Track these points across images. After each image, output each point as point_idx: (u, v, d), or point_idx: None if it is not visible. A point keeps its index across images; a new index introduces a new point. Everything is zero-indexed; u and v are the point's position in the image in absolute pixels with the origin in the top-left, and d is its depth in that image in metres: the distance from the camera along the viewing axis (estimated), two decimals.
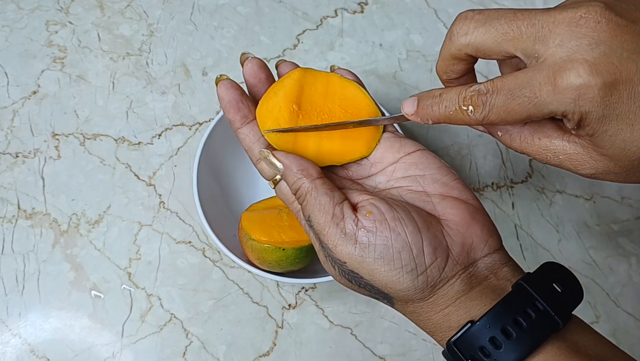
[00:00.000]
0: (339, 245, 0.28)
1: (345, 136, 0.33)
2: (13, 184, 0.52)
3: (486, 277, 0.29)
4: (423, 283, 0.28)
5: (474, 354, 0.27)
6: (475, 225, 0.30)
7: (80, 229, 0.51)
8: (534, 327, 0.27)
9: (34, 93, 0.56)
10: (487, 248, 0.30)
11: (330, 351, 0.49)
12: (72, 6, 0.60)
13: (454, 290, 0.29)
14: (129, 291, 0.49)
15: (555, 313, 0.27)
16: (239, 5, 0.61)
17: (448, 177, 0.32)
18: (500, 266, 0.30)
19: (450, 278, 0.29)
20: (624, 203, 0.55)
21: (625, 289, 0.52)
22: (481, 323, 0.27)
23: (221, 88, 0.32)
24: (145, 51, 0.58)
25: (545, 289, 0.28)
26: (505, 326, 0.27)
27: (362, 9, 0.62)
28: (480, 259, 0.30)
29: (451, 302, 0.29)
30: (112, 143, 0.54)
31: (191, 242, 0.51)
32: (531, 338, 0.26)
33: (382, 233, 0.28)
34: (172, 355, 0.47)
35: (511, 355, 0.26)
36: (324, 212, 0.29)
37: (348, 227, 0.28)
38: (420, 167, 0.32)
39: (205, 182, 0.47)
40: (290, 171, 0.30)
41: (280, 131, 0.32)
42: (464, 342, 0.27)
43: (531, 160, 0.57)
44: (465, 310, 0.28)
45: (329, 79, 0.34)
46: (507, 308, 0.27)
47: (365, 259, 0.28)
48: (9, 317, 0.48)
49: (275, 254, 0.43)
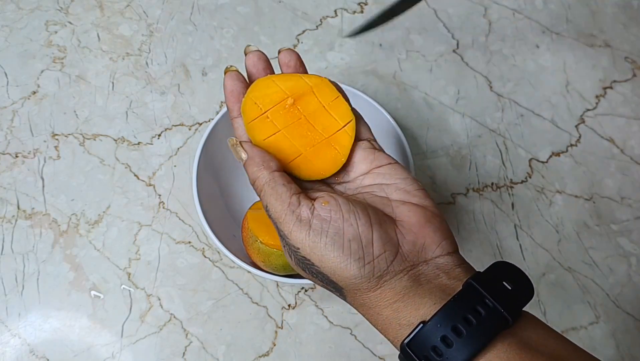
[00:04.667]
0: (293, 231, 0.30)
1: (317, 153, 0.34)
2: (13, 184, 0.52)
3: (437, 275, 0.30)
4: (369, 272, 0.29)
5: (427, 354, 0.28)
6: (429, 227, 0.31)
7: (79, 229, 0.51)
8: (484, 324, 0.27)
9: (33, 93, 0.56)
10: (440, 249, 0.31)
11: (330, 351, 0.49)
12: (71, 6, 0.60)
13: (402, 285, 0.29)
14: (128, 292, 0.49)
15: (504, 310, 0.28)
16: (239, 5, 0.61)
17: (412, 186, 0.33)
18: (453, 267, 0.31)
19: (398, 273, 0.30)
20: (623, 203, 0.55)
21: (625, 290, 0.52)
22: (432, 323, 0.28)
23: (228, 78, 0.34)
24: (145, 51, 0.58)
25: (494, 287, 0.29)
26: (455, 325, 0.27)
27: (362, 9, 0.62)
28: (432, 260, 0.31)
29: (399, 297, 0.29)
30: (111, 143, 0.54)
31: (191, 242, 0.51)
32: (481, 335, 0.27)
33: (336, 223, 0.29)
34: (171, 355, 0.47)
35: (462, 352, 0.27)
36: (280, 201, 0.30)
37: (303, 214, 0.30)
38: (387, 178, 0.33)
39: (204, 182, 0.47)
40: (252, 161, 0.32)
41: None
42: (416, 342, 0.28)
43: (531, 160, 0.57)
44: (414, 307, 0.29)
45: (320, 89, 0.34)
46: (456, 306, 0.28)
47: (317, 245, 0.29)
48: (9, 317, 0.48)
49: (282, 259, 0.43)
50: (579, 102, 0.60)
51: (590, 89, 0.61)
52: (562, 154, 0.57)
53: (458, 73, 0.60)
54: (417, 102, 0.59)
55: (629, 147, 0.58)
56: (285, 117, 0.33)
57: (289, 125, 0.33)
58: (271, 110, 0.33)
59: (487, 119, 0.58)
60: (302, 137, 0.33)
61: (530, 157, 0.57)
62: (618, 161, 0.57)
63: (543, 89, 0.60)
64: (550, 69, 0.61)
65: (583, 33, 0.64)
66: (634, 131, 0.59)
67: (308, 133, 0.33)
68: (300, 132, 0.33)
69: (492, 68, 0.61)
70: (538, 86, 0.60)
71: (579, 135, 0.58)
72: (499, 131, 0.58)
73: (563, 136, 0.58)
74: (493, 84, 0.60)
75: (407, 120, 0.58)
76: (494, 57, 0.62)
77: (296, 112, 0.33)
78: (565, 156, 0.57)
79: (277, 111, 0.33)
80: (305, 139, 0.33)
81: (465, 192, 0.55)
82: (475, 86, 0.60)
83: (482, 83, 0.60)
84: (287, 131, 0.33)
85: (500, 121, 0.58)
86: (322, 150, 0.33)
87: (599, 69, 0.62)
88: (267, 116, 0.33)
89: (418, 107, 0.59)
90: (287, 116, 0.33)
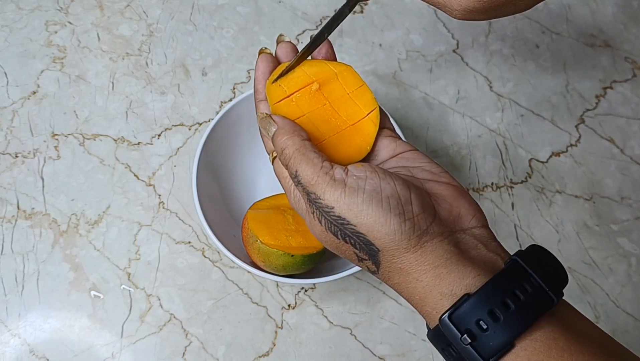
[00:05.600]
0: (327, 191, 0.29)
1: (342, 140, 0.33)
2: (12, 185, 0.52)
3: (476, 246, 0.29)
4: (410, 228, 0.28)
5: (471, 328, 0.27)
6: (462, 200, 0.31)
7: (79, 229, 0.51)
8: (531, 302, 0.27)
9: (33, 93, 0.56)
10: (475, 221, 0.30)
11: (330, 351, 0.49)
12: (71, 6, 0.60)
13: (443, 249, 0.28)
14: (128, 292, 0.49)
15: (549, 290, 0.27)
16: (239, 5, 0.61)
17: (437, 169, 0.33)
18: (489, 240, 0.30)
19: (438, 235, 0.29)
20: (623, 203, 0.55)
21: (625, 290, 0.52)
22: (479, 295, 0.27)
23: (261, 58, 0.34)
24: (145, 51, 0.58)
25: (538, 267, 0.28)
26: (504, 300, 0.27)
27: (362, 9, 0.62)
28: (468, 230, 0.30)
29: (441, 262, 0.28)
30: (111, 143, 0.54)
31: (191, 242, 0.51)
32: (528, 312, 0.27)
33: (372, 180, 0.29)
34: (171, 355, 0.47)
35: (510, 328, 0.26)
36: (312, 164, 0.30)
37: (337, 175, 0.29)
38: (411, 161, 0.33)
39: (204, 182, 0.47)
40: (282, 130, 0.31)
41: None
42: (460, 315, 0.27)
43: (531, 160, 0.57)
44: (458, 276, 0.28)
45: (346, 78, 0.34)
46: (504, 281, 0.27)
47: (354, 201, 0.28)
48: (9, 317, 0.48)
49: (283, 259, 0.43)
50: (579, 102, 0.60)
51: (590, 89, 0.61)
52: (562, 154, 0.57)
53: (458, 73, 0.60)
54: (417, 102, 0.59)
55: (629, 147, 0.58)
56: (310, 102, 0.33)
57: (313, 110, 0.33)
58: (296, 94, 0.33)
59: (487, 119, 0.58)
60: (326, 123, 0.33)
61: (530, 157, 0.57)
62: (618, 161, 0.57)
63: (543, 89, 0.60)
64: (550, 69, 0.61)
65: (583, 33, 0.64)
66: (634, 131, 0.59)
67: (332, 120, 0.33)
68: (324, 118, 0.33)
69: (492, 68, 0.61)
70: (538, 86, 0.60)
71: (579, 135, 0.58)
72: (499, 131, 0.58)
73: (563, 136, 0.58)
74: (493, 84, 0.60)
75: (407, 120, 0.58)
76: (494, 57, 0.62)
77: (321, 97, 0.33)
78: (565, 156, 0.57)
79: (303, 95, 0.33)
80: (328, 126, 0.33)
81: None
82: (475, 86, 0.60)
83: (482, 83, 0.60)
84: (312, 115, 0.33)
85: (500, 121, 0.58)
86: (346, 137, 0.33)
87: (599, 69, 0.62)
88: (292, 100, 0.33)
89: (418, 107, 0.59)
90: (312, 100, 0.33)
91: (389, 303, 0.50)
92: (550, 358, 0.26)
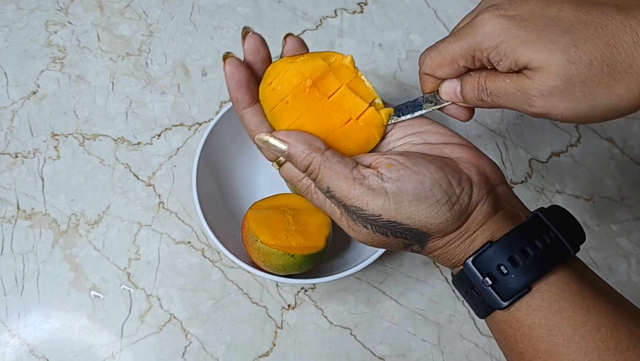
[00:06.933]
0: (370, 202, 0.29)
1: (348, 133, 0.33)
2: (12, 185, 0.52)
3: (503, 204, 0.31)
4: (459, 210, 0.30)
5: (492, 271, 0.29)
6: (484, 159, 0.32)
7: (79, 229, 0.51)
8: (549, 251, 0.29)
9: (33, 93, 0.56)
10: (498, 177, 0.32)
11: (330, 351, 0.49)
12: (71, 6, 0.60)
13: (482, 213, 0.30)
14: (128, 292, 0.49)
15: (567, 243, 0.29)
16: (239, 6, 0.61)
17: (444, 129, 0.33)
18: (510, 196, 0.32)
19: (478, 202, 0.30)
20: (623, 203, 0.55)
21: (625, 290, 0.52)
22: (500, 243, 0.29)
23: (230, 66, 0.31)
24: (145, 51, 0.58)
25: (557, 223, 0.30)
26: (523, 247, 0.29)
27: (362, 9, 0.62)
28: (497, 186, 0.32)
29: (478, 226, 0.30)
30: (111, 143, 0.54)
31: (190, 242, 0.51)
32: (546, 260, 0.29)
33: (409, 178, 0.29)
34: (171, 355, 0.47)
35: (528, 273, 0.28)
36: (343, 178, 0.29)
37: (373, 183, 0.29)
38: (415, 127, 0.33)
39: (204, 182, 0.47)
40: (296, 150, 0.30)
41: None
42: (482, 260, 0.29)
43: (531, 160, 0.57)
44: (489, 232, 0.30)
45: (342, 70, 0.33)
46: (525, 232, 0.29)
47: (401, 205, 0.29)
48: (9, 317, 0.48)
49: (283, 259, 0.43)
50: None
51: None
52: (562, 154, 0.57)
53: None
54: None
55: (629, 147, 0.58)
56: (307, 100, 0.32)
57: (311, 108, 0.32)
58: (291, 95, 0.31)
59: (487, 119, 0.58)
60: (328, 119, 0.32)
61: (530, 157, 0.57)
62: (618, 161, 0.57)
63: None
64: None
65: None
66: (634, 131, 0.59)
67: (333, 114, 0.32)
68: (324, 114, 0.32)
69: None
70: None
71: (579, 135, 0.58)
72: (499, 131, 0.58)
73: (563, 136, 0.58)
74: None
75: None
76: None
77: (317, 94, 0.32)
78: (565, 156, 0.57)
79: (298, 95, 0.31)
80: (330, 121, 0.32)
81: None
82: None
83: None
84: (311, 114, 0.32)
85: (500, 121, 0.58)
86: (352, 130, 0.32)
87: None
88: (287, 101, 0.31)
89: None
90: (308, 99, 0.32)
91: (389, 303, 0.50)
92: (563, 300, 0.28)
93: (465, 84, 0.32)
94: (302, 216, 0.45)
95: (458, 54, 0.30)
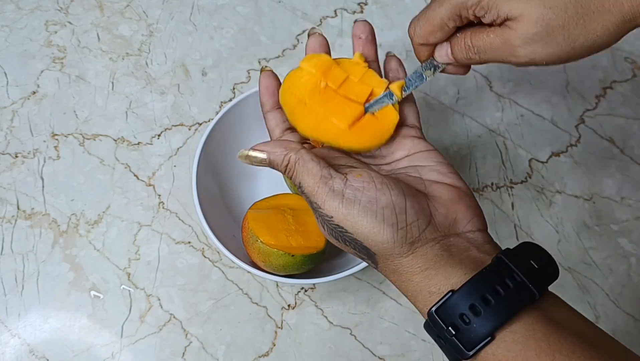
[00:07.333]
0: (326, 201, 0.31)
1: (362, 128, 0.35)
2: (12, 185, 0.52)
3: (468, 248, 0.31)
4: (402, 237, 0.30)
5: (454, 321, 0.28)
6: (461, 204, 0.32)
7: (79, 229, 0.51)
8: (512, 296, 0.28)
9: (33, 93, 0.56)
10: (471, 225, 0.32)
11: (330, 351, 0.49)
12: (71, 6, 0.60)
13: (434, 252, 0.30)
14: (128, 292, 0.49)
15: (532, 285, 0.28)
16: (239, 6, 0.61)
17: (445, 169, 0.34)
18: (483, 243, 0.31)
19: (430, 240, 0.30)
20: (623, 203, 0.55)
21: (625, 290, 0.52)
22: (461, 291, 0.29)
23: (264, 76, 0.37)
24: (145, 51, 0.58)
25: (523, 264, 0.29)
26: (484, 295, 0.28)
27: (362, 9, 0.62)
28: (463, 233, 0.31)
29: (430, 264, 0.30)
30: (111, 143, 0.54)
31: (190, 242, 0.51)
32: (509, 306, 0.28)
33: (369, 192, 0.30)
34: (171, 355, 0.47)
35: (490, 321, 0.28)
36: (312, 175, 0.31)
37: (336, 185, 0.31)
38: (422, 160, 0.35)
39: (204, 182, 0.47)
40: (274, 155, 0.32)
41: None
42: (445, 309, 0.29)
43: (531, 160, 0.57)
44: (445, 276, 0.29)
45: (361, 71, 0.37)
46: (486, 277, 0.29)
47: (350, 212, 0.30)
48: (9, 317, 0.48)
49: (283, 259, 0.43)
50: (579, 102, 0.60)
51: (590, 89, 0.61)
52: (562, 154, 0.57)
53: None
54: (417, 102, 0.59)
55: (629, 147, 0.58)
56: (322, 98, 0.35)
57: (325, 104, 0.35)
58: (308, 96, 0.35)
59: (487, 119, 0.58)
60: (342, 111, 0.35)
61: (530, 157, 0.57)
62: (618, 161, 0.57)
63: (543, 89, 0.60)
64: (550, 69, 0.61)
65: None
66: (634, 131, 0.59)
67: (347, 109, 0.35)
68: (340, 107, 0.35)
69: (492, 68, 0.61)
70: (538, 86, 0.60)
71: (579, 135, 0.58)
72: (499, 131, 0.58)
73: (563, 136, 0.58)
74: (493, 84, 0.60)
75: None
76: None
77: (330, 92, 0.35)
78: (565, 156, 0.57)
79: (314, 96, 0.35)
80: (344, 113, 0.35)
81: None
82: (475, 86, 0.60)
83: (482, 83, 0.60)
84: (327, 110, 0.35)
85: (500, 121, 0.58)
86: (368, 124, 0.35)
87: (599, 69, 0.62)
88: (305, 103, 0.35)
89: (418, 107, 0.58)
90: (323, 98, 0.35)
91: (389, 303, 0.50)
92: (528, 349, 0.27)
93: (454, 46, 0.34)
94: (302, 216, 0.45)
95: (446, 16, 0.33)
